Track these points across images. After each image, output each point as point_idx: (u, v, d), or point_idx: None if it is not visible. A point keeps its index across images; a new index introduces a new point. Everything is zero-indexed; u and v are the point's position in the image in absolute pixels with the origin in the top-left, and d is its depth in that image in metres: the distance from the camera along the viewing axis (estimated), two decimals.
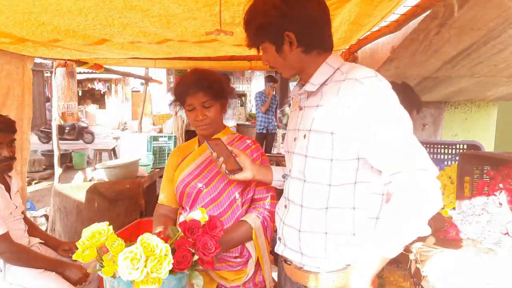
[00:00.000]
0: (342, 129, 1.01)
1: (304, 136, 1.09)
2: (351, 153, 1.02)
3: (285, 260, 1.21)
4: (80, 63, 3.32)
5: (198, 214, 1.18)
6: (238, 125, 7.93)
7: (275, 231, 1.47)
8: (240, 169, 1.32)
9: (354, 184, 1.05)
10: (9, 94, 2.55)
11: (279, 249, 1.21)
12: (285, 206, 1.19)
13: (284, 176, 1.19)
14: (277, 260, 1.34)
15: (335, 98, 1.02)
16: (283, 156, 1.35)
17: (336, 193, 1.05)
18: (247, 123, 8.94)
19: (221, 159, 1.31)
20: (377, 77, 1.00)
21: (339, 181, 1.05)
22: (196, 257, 1.10)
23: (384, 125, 0.95)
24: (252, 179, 1.35)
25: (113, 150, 7.30)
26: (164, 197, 1.62)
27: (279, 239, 1.21)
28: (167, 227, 1.40)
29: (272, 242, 1.55)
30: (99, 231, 1.06)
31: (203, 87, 1.45)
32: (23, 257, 1.90)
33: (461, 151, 2.11)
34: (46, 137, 10.25)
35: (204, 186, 1.49)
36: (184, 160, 1.59)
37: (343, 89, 1.01)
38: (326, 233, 1.07)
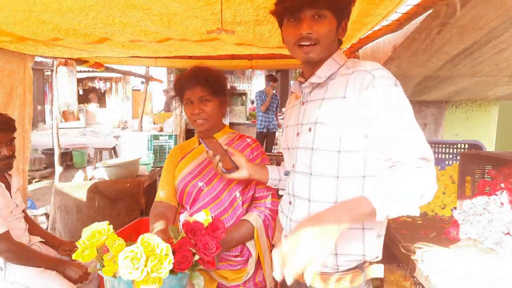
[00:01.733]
0: (350, 119, 1.00)
1: (310, 129, 1.08)
2: (358, 145, 1.02)
3: None
4: (81, 61, 3.32)
5: (202, 216, 1.17)
6: (235, 124, 7.90)
7: None
8: (236, 167, 1.32)
9: (363, 178, 1.04)
10: (12, 93, 2.55)
11: None
12: (290, 203, 1.17)
13: (286, 174, 1.18)
14: None
15: (343, 90, 1.02)
16: None
17: (344, 186, 1.04)
18: (247, 122, 8.92)
19: (218, 157, 1.31)
20: (384, 70, 1.01)
21: (347, 174, 1.04)
22: (197, 257, 1.10)
23: (394, 115, 0.96)
24: (248, 177, 1.34)
25: (114, 149, 7.30)
26: (164, 193, 1.58)
27: (286, 236, 1.18)
28: (167, 229, 1.39)
29: (273, 240, 1.55)
30: (99, 231, 1.06)
31: (201, 82, 1.46)
32: (23, 256, 1.90)
33: (462, 150, 2.10)
34: None
35: (204, 185, 1.49)
36: (184, 158, 1.58)
37: (352, 80, 1.01)
38: None
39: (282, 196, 1.29)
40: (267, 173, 1.36)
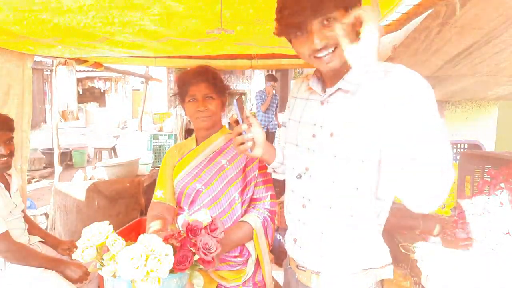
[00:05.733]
0: (375, 131, 0.94)
1: (331, 135, 1.02)
2: (378, 156, 0.97)
3: (298, 266, 1.15)
4: (80, 61, 3.32)
5: (202, 216, 1.17)
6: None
7: (276, 230, 1.46)
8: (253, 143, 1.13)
9: (377, 188, 1.01)
10: (9, 93, 2.55)
11: (293, 252, 1.15)
12: (303, 206, 1.11)
13: (299, 176, 1.11)
14: (277, 259, 1.33)
15: (371, 96, 0.92)
16: None
17: (364, 196, 1.01)
18: None
19: (250, 135, 1.09)
20: (417, 75, 0.92)
21: (367, 185, 1.00)
22: (196, 257, 1.10)
23: (427, 128, 0.88)
24: (258, 157, 1.17)
25: (113, 148, 7.30)
26: (162, 193, 1.56)
27: (295, 240, 1.15)
28: (163, 229, 1.39)
29: (272, 241, 1.55)
30: (99, 230, 1.06)
31: (207, 79, 1.47)
32: (23, 256, 1.90)
33: (462, 150, 2.11)
34: None
35: (203, 187, 1.48)
36: (182, 159, 1.57)
37: (382, 90, 0.90)
38: (352, 239, 1.03)
39: (279, 195, 1.25)
40: (274, 155, 1.24)
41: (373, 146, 0.96)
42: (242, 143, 1.10)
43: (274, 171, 1.29)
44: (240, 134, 1.09)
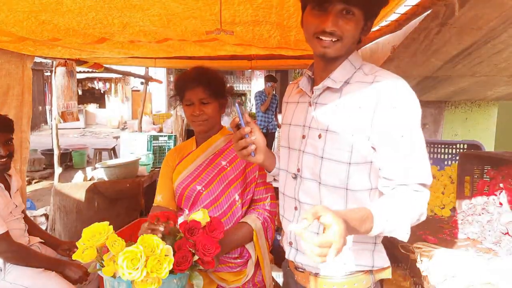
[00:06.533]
0: (363, 131, 0.97)
1: (319, 136, 1.03)
2: (368, 158, 0.99)
3: (296, 268, 1.16)
4: (80, 62, 3.33)
5: (200, 215, 1.17)
6: None
7: (277, 230, 1.46)
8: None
9: (369, 191, 1.03)
10: (8, 93, 2.55)
11: (290, 255, 1.16)
12: (295, 208, 1.12)
13: (294, 176, 1.12)
14: (277, 259, 1.33)
15: (360, 99, 0.98)
16: None
17: (354, 198, 1.02)
18: None
19: (254, 137, 1.08)
20: (405, 86, 0.96)
21: (356, 186, 1.01)
22: (196, 257, 1.10)
23: (407, 139, 0.94)
24: (259, 162, 1.16)
25: (113, 149, 7.30)
26: (162, 197, 1.56)
27: (290, 243, 1.15)
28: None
29: (272, 242, 1.55)
30: (99, 231, 1.06)
31: (203, 83, 1.45)
32: (23, 256, 1.90)
33: (461, 150, 2.11)
34: None
35: (203, 189, 1.48)
36: (182, 161, 1.57)
37: (371, 91, 0.96)
38: (347, 239, 1.04)
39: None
40: (275, 161, 1.25)
41: (360, 148, 0.98)
42: (245, 147, 1.08)
43: (274, 179, 1.30)
44: (242, 138, 1.07)
